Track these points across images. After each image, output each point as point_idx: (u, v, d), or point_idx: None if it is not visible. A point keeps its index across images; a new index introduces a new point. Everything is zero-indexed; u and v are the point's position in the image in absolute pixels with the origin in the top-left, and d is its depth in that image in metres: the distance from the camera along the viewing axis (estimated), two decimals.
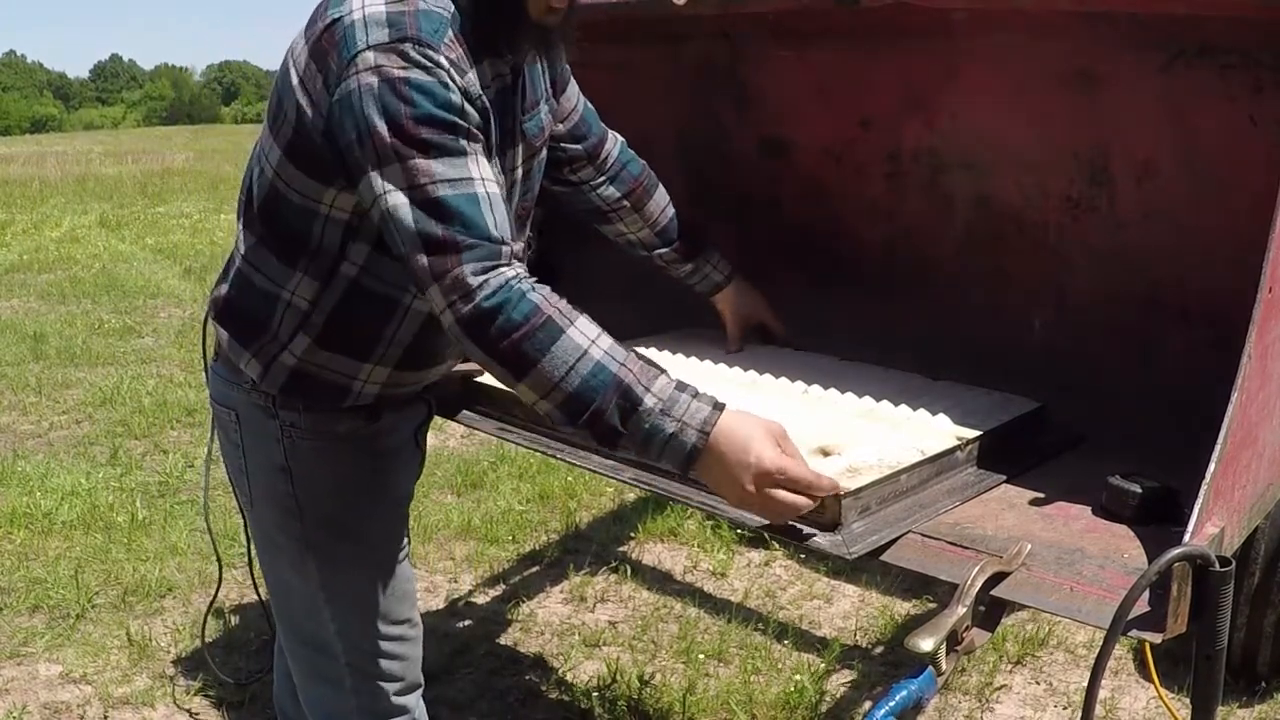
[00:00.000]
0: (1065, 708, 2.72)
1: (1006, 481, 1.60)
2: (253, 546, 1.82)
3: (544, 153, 1.76)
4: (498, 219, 1.38)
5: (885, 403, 1.76)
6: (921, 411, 1.70)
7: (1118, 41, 1.64)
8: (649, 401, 1.33)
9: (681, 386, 1.37)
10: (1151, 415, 1.68)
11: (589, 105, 1.97)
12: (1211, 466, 1.22)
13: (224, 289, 1.67)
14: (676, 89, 2.34)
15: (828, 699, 2.76)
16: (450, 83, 1.39)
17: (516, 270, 1.37)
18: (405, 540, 1.79)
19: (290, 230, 1.54)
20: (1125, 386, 1.78)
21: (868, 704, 2.72)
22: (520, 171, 1.66)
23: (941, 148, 2.00)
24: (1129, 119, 1.73)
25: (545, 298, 1.35)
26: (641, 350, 2.07)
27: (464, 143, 1.38)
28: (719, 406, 1.36)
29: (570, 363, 1.32)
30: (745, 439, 1.34)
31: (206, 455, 2.06)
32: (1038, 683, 2.84)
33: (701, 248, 2.06)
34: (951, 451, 1.59)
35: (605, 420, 1.33)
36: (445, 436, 4.73)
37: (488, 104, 1.46)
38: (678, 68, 2.31)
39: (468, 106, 1.40)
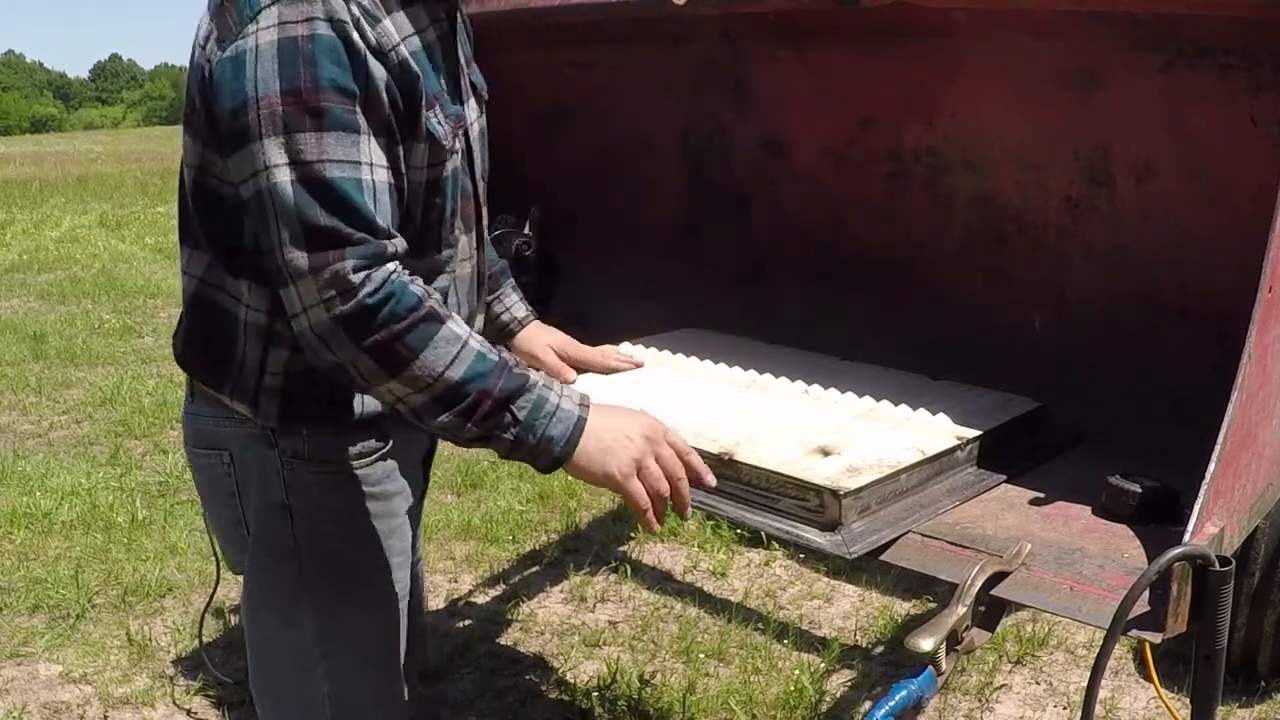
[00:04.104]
0: (1065, 708, 2.72)
1: (1006, 481, 1.60)
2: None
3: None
4: (380, 210, 1.28)
5: (885, 403, 1.75)
6: (921, 411, 1.70)
7: (1118, 41, 1.64)
8: (534, 376, 1.32)
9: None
10: (1151, 415, 1.68)
11: None
12: (1211, 466, 1.22)
13: (182, 324, 1.51)
14: (676, 89, 2.34)
15: (828, 699, 2.76)
16: (357, 39, 1.26)
17: (397, 265, 1.28)
18: (409, 590, 1.61)
19: (226, 231, 1.39)
20: (1125, 386, 1.78)
21: (868, 704, 2.72)
22: (477, 127, 1.54)
23: (941, 147, 2.00)
24: (1129, 119, 1.73)
25: (426, 290, 1.29)
26: (643, 349, 2.08)
27: (361, 118, 1.27)
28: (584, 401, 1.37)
29: (454, 352, 1.27)
30: (616, 408, 1.38)
31: None
32: (1038, 683, 2.84)
33: (497, 286, 1.83)
34: (951, 451, 1.59)
35: (492, 398, 1.28)
36: None
37: (406, 55, 1.32)
38: (678, 68, 2.31)
39: (374, 66, 1.28)
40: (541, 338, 1.87)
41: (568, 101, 2.52)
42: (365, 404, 1.46)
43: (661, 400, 1.79)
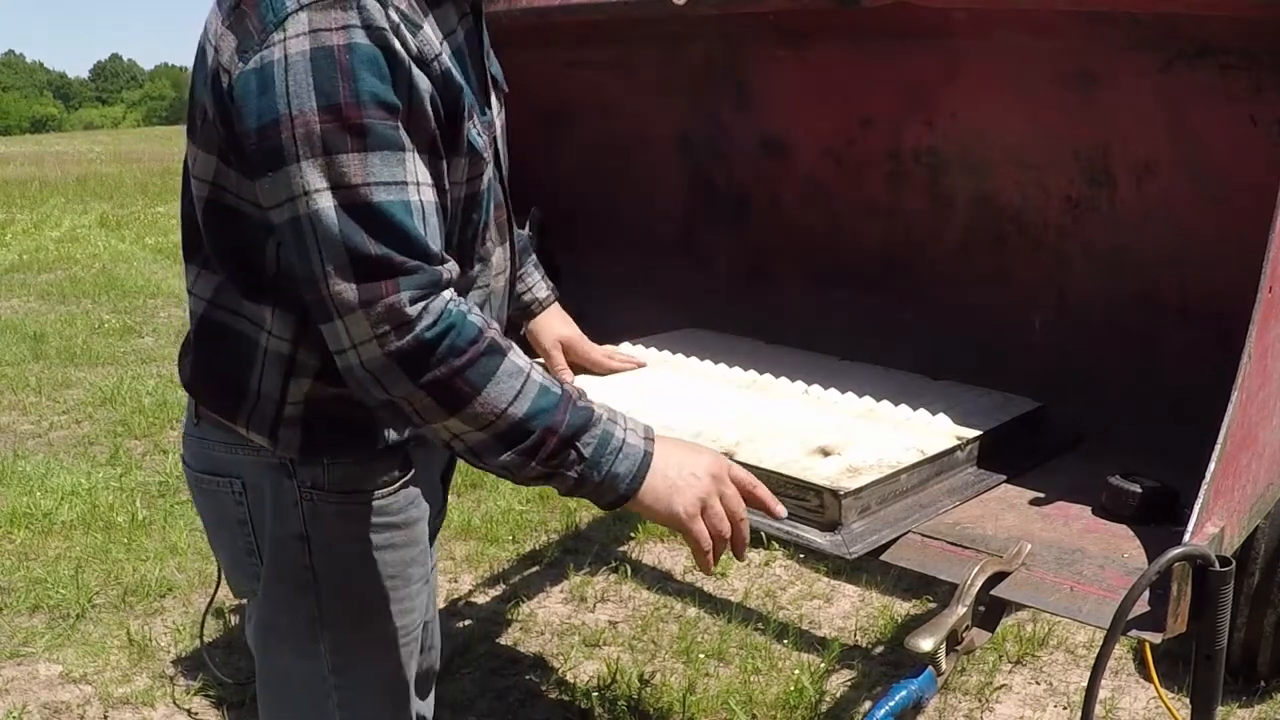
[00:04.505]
0: (1065, 708, 2.72)
1: (1006, 481, 1.60)
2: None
3: None
4: (431, 233, 1.19)
5: (885, 403, 1.76)
6: (921, 411, 1.70)
7: (1117, 41, 1.64)
8: (598, 409, 1.24)
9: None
10: (1151, 415, 1.68)
11: None
12: (1211, 466, 1.22)
13: (190, 349, 1.42)
14: (676, 89, 2.34)
15: (828, 699, 2.76)
16: (399, 48, 1.16)
17: (452, 293, 1.20)
18: (426, 610, 1.57)
19: (244, 252, 1.30)
20: (1125, 386, 1.78)
21: (868, 704, 2.72)
22: (498, 125, 1.45)
23: (941, 147, 2.00)
24: (1129, 119, 1.73)
25: (485, 319, 1.21)
26: (643, 349, 2.08)
27: (404, 135, 1.17)
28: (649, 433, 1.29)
29: (517, 387, 1.19)
30: (678, 442, 1.31)
31: None
32: (1038, 683, 2.84)
33: (520, 264, 1.76)
34: (951, 451, 1.59)
35: (558, 435, 1.20)
36: None
37: (447, 62, 1.23)
38: (678, 68, 2.31)
39: (418, 78, 1.18)
40: (555, 330, 1.83)
41: (568, 101, 2.52)
42: (389, 432, 1.38)
43: (661, 400, 1.79)
